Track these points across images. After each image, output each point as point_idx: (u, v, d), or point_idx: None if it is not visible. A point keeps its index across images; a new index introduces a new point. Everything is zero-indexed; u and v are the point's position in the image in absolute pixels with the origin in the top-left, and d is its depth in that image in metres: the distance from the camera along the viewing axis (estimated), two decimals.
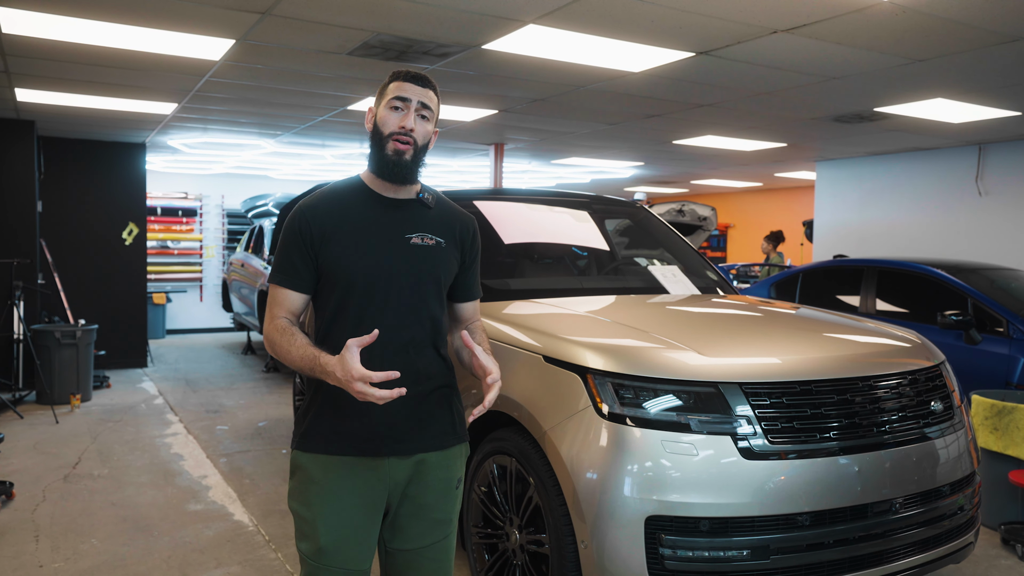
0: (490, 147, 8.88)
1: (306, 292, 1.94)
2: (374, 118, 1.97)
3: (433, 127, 1.99)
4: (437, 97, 2.00)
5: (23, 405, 6.84)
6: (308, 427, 1.93)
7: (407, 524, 1.96)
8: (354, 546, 1.90)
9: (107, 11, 3.93)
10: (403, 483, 1.93)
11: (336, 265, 1.89)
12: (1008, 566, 3.66)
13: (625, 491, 2.37)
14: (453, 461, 2.01)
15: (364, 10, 3.86)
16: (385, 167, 1.93)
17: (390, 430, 1.90)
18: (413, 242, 1.94)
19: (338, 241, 1.90)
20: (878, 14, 3.74)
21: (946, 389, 2.93)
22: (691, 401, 2.46)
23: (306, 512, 1.90)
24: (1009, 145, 8.02)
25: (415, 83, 1.95)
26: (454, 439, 2.01)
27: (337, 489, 1.89)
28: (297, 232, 1.92)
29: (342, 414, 1.89)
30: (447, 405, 2.00)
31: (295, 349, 1.82)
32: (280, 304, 1.92)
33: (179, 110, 6.69)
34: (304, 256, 1.91)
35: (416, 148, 1.93)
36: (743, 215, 15.77)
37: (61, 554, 3.62)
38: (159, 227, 12.08)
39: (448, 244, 2.00)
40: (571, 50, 4.52)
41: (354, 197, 1.97)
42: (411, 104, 1.93)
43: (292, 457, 1.96)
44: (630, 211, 4.57)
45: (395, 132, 1.91)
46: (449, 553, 2.02)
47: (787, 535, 2.40)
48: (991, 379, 4.86)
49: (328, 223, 1.91)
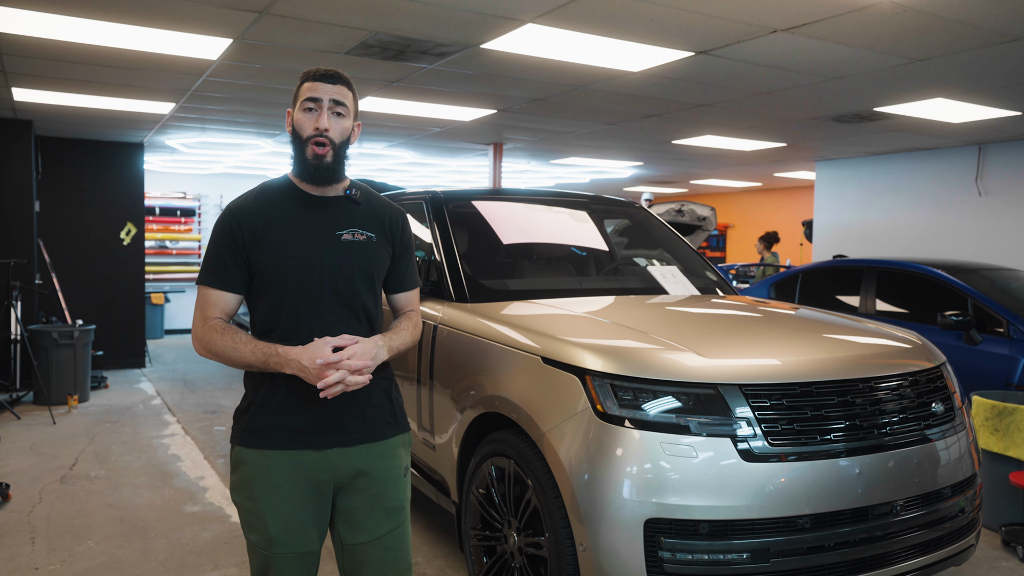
0: (489, 147, 8.86)
1: (239, 292, 1.96)
2: (292, 121, 2.00)
3: (352, 121, 2.01)
4: (351, 91, 2.01)
5: (20, 406, 6.82)
6: (249, 423, 1.97)
7: (361, 517, 2.00)
8: (302, 531, 1.95)
9: (104, 10, 3.91)
10: (349, 474, 1.98)
11: (269, 264, 1.92)
12: (1009, 568, 3.64)
13: (624, 493, 2.36)
14: (397, 450, 2.07)
15: (361, 9, 3.85)
16: (307, 171, 1.97)
17: (332, 423, 1.96)
18: (344, 239, 1.99)
19: (270, 240, 1.94)
20: (878, 13, 3.73)
21: (947, 390, 2.91)
22: (690, 403, 2.44)
23: (252, 505, 1.95)
24: (1009, 145, 8.01)
25: (325, 81, 1.96)
26: (395, 429, 2.07)
27: (283, 482, 1.93)
28: (228, 233, 1.95)
29: (284, 409, 1.95)
30: (386, 396, 2.06)
31: (243, 346, 1.87)
32: (213, 305, 1.95)
33: (177, 110, 6.67)
34: (236, 257, 1.94)
35: (335, 148, 1.96)
36: (742, 215, 15.76)
37: (57, 556, 3.60)
38: (157, 227, 12.05)
39: (379, 238, 2.05)
40: (570, 49, 4.50)
41: (284, 197, 2.01)
42: (323, 104, 1.95)
43: (235, 453, 1.99)
44: (629, 211, 4.56)
45: (312, 135, 1.94)
46: (405, 541, 2.07)
47: (787, 538, 2.38)
48: (991, 380, 4.84)
49: (259, 223, 1.95)
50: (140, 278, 9.03)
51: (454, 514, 3.22)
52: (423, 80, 5.39)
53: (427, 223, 3.80)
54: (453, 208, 3.85)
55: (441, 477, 3.34)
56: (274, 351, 1.85)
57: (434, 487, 3.42)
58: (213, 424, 6.19)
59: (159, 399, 7.19)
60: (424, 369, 3.45)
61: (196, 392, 7.51)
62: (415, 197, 4.10)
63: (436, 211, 3.80)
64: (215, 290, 1.94)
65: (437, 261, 3.60)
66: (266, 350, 1.86)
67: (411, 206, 4.17)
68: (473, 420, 3.01)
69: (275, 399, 1.94)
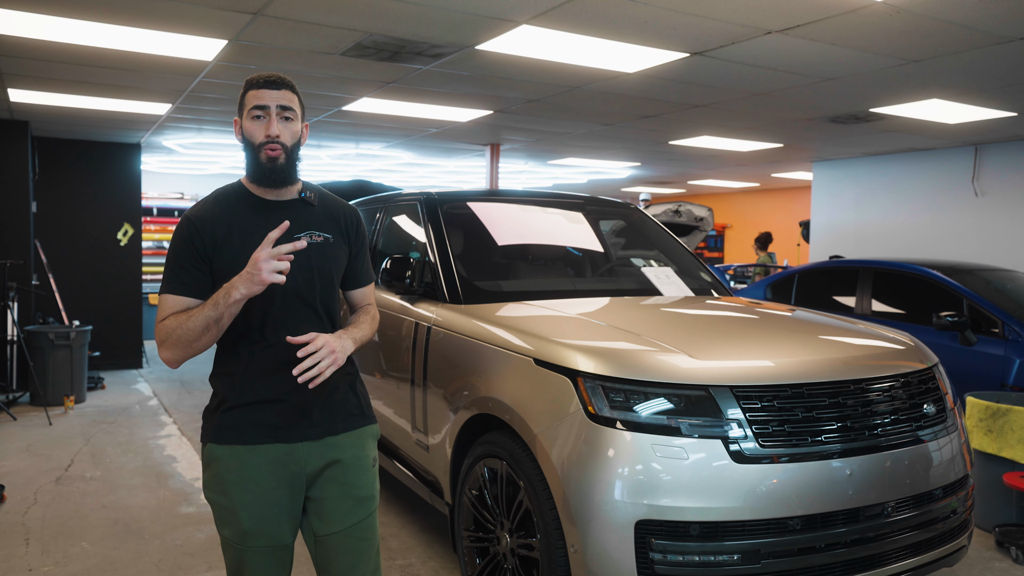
0: (486, 147, 8.86)
1: (201, 298, 1.95)
2: (242, 130, 2.02)
3: (300, 123, 2.04)
4: (296, 94, 2.03)
5: (16, 406, 6.82)
6: (219, 420, 1.99)
7: (332, 507, 2.03)
8: (276, 524, 1.98)
9: (99, 11, 3.91)
10: (320, 467, 2.02)
11: (231, 270, 1.91)
12: (1003, 568, 3.64)
13: (615, 495, 2.36)
14: (364, 440, 2.11)
15: (356, 11, 3.85)
16: (262, 175, 2.00)
17: (301, 417, 1.99)
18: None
19: (229, 247, 1.96)
20: (871, 15, 3.73)
21: (939, 392, 2.91)
22: (681, 404, 2.44)
23: (225, 501, 1.98)
24: (1005, 146, 8.02)
25: (270, 88, 1.98)
26: (363, 420, 2.12)
27: (255, 476, 1.96)
28: (188, 241, 1.96)
29: (253, 405, 1.98)
30: (351, 389, 2.11)
31: (195, 313, 1.86)
32: (171, 309, 1.94)
33: (173, 110, 6.67)
34: (197, 264, 1.96)
35: (287, 151, 1.99)
36: (740, 215, 15.77)
37: (51, 557, 3.61)
38: (155, 227, 12.04)
39: (336, 238, 2.09)
40: (565, 51, 4.51)
41: (239, 203, 2.03)
42: (271, 110, 1.97)
43: (207, 450, 2.02)
44: (624, 212, 4.56)
45: (263, 142, 1.97)
46: (375, 531, 2.11)
47: (778, 539, 2.39)
48: (986, 380, 4.85)
49: (218, 230, 1.97)
50: (137, 279, 9.04)
51: (447, 515, 3.23)
52: (419, 81, 5.40)
53: (421, 224, 3.81)
54: (447, 209, 3.85)
55: (434, 478, 3.34)
56: (220, 292, 1.84)
57: (428, 488, 3.42)
58: None
59: (155, 400, 7.19)
60: (418, 370, 3.45)
61: (193, 393, 7.51)
62: (410, 198, 4.10)
63: (430, 212, 3.80)
64: (175, 296, 1.94)
65: (431, 262, 3.60)
66: (213, 296, 1.85)
67: (406, 207, 4.18)
68: (466, 421, 3.01)
69: (244, 397, 1.98)
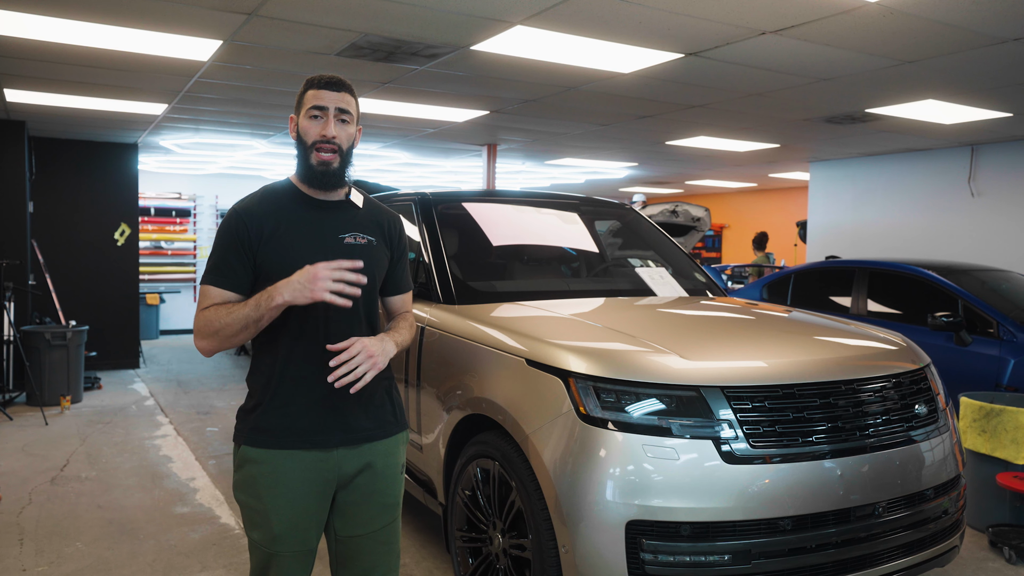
0: (483, 148, 8.86)
1: (242, 293, 1.97)
2: (296, 127, 2.04)
3: (355, 127, 2.06)
4: (354, 98, 2.05)
5: (13, 407, 6.82)
6: (257, 423, 1.99)
7: (358, 511, 2.04)
8: (304, 530, 1.99)
9: (94, 12, 3.90)
10: (352, 473, 2.01)
11: (274, 266, 1.94)
12: (996, 568, 3.65)
13: (606, 495, 2.36)
14: (397, 447, 2.12)
15: (350, 11, 3.85)
16: (313, 177, 2.01)
17: (337, 423, 1.99)
18: (347, 242, 2.03)
19: (276, 242, 1.97)
20: (865, 16, 3.74)
21: (931, 392, 2.92)
22: (673, 405, 2.45)
23: (256, 504, 1.98)
24: (1001, 146, 8.02)
25: (330, 89, 2.00)
26: (396, 427, 2.12)
27: (288, 480, 1.96)
28: (234, 233, 1.97)
29: (290, 410, 1.98)
30: (387, 395, 2.11)
31: (236, 309, 1.87)
32: (212, 301, 1.95)
33: (170, 110, 6.67)
34: (241, 257, 1.96)
35: (341, 154, 2.00)
36: (738, 216, 15.77)
37: (45, 558, 3.61)
38: (153, 227, 12.05)
39: (379, 242, 2.10)
40: (560, 51, 4.51)
41: (288, 199, 2.04)
42: (329, 112, 1.99)
43: (240, 452, 2.01)
44: (618, 213, 4.56)
45: (318, 141, 1.98)
46: (397, 535, 2.12)
47: (769, 539, 2.39)
48: (981, 381, 4.85)
49: (265, 225, 1.98)
50: (134, 279, 9.03)
51: (441, 515, 3.23)
52: (415, 81, 5.40)
53: (416, 225, 3.81)
54: (442, 210, 3.86)
55: (428, 478, 3.35)
56: (263, 294, 1.84)
57: (421, 488, 3.43)
58: (205, 425, 6.19)
59: (152, 400, 7.19)
60: (412, 370, 3.45)
61: (189, 393, 7.51)
62: (405, 198, 4.10)
63: (425, 213, 3.80)
64: (218, 288, 1.95)
65: (425, 263, 3.60)
66: (256, 296, 1.86)
67: (401, 207, 4.18)
68: (459, 421, 3.02)
69: (281, 399, 1.97)
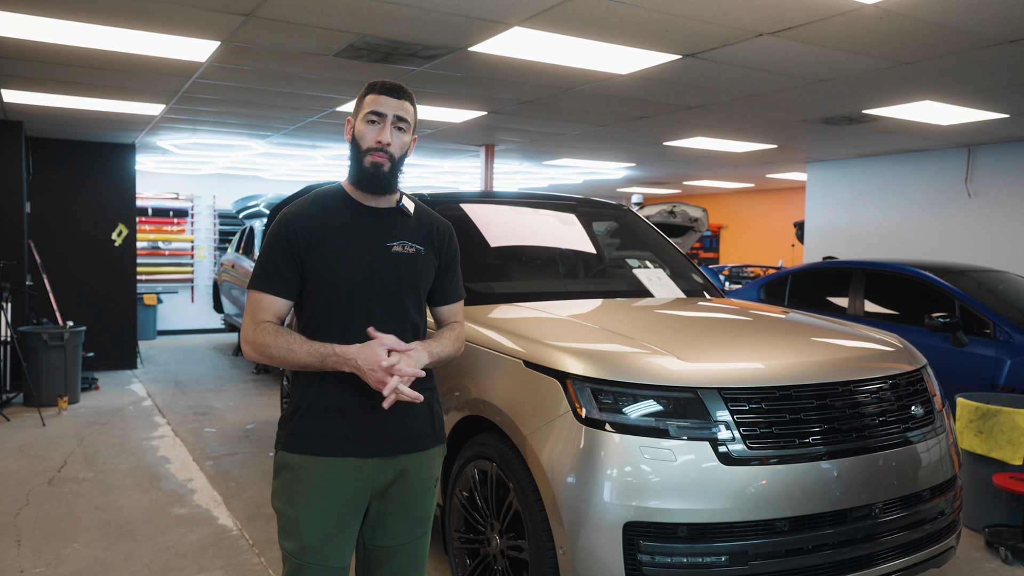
0: (481, 148, 8.87)
1: (290, 298, 1.98)
2: (353, 130, 2.03)
3: (411, 136, 2.05)
4: (413, 106, 2.04)
5: (10, 407, 6.80)
6: (294, 428, 1.98)
7: (389, 522, 2.03)
8: (336, 544, 1.96)
9: (92, 13, 3.90)
10: (386, 484, 1.99)
11: (322, 272, 1.94)
12: (992, 569, 3.66)
13: (603, 497, 2.37)
14: (432, 461, 2.09)
15: (347, 12, 3.85)
16: (364, 180, 1.99)
17: (375, 433, 1.97)
18: (395, 250, 2.01)
19: (324, 248, 1.95)
20: (862, 17, 3.75)
21: (927, 393, 2.92)
22: (670, 406, 2.45)
23: (290, 511, 1.96)
24: (998, 147, 8.04)
25: (391, 95, 1.99)
26: (433, 441, 2.09)
27: (322, 489, 1.94)
28: (283, 239, 1.96)
29: (329, 416, 1.96)
30: (428, 408, 2.07)
31: (298, 347, 1.88)
32: (265, 309, 1.96)
33: (167, 111, 6.67)
34: (290, 262, 1.96)
35: (393, 161, 1.99)
36: (735, 216, 15.79)
37: (42, 559, 3.60)
38: (150, 228, 12.03)
39: (427, 251, 2.07)
40: (558, 52, 4.51)
41: (337, 205, 2.03)
42: (387, 118, 1.98)
43: (278, 458, 2.01)
44: (616, 213, 4.56)
45: (372, 147, 1.97)
46: (426, 549, 2.11)
47: (766, 541, 2.40)
48: (978, 381, 4.87)
49: (314, 231, 1.97)
50: (131, 279, 9.02)
51: (439, 516, 3.23)
52: (412, 82, 5.40)
53: None
54: (439, 211, 3.84)
55: None
56: (331, 351, 1.86)
57: None
58: (203, 426, 6.19)
59: (149, 400, 7.18)
60: None
61: (187, 393, 7.50)
62: None
63: None
64: (267, 295, 1.95)
65: None
66: (323, 350, 1.87)
67: None
68: (457, 423, 3.02)
69: (320, 406, 1.96)
